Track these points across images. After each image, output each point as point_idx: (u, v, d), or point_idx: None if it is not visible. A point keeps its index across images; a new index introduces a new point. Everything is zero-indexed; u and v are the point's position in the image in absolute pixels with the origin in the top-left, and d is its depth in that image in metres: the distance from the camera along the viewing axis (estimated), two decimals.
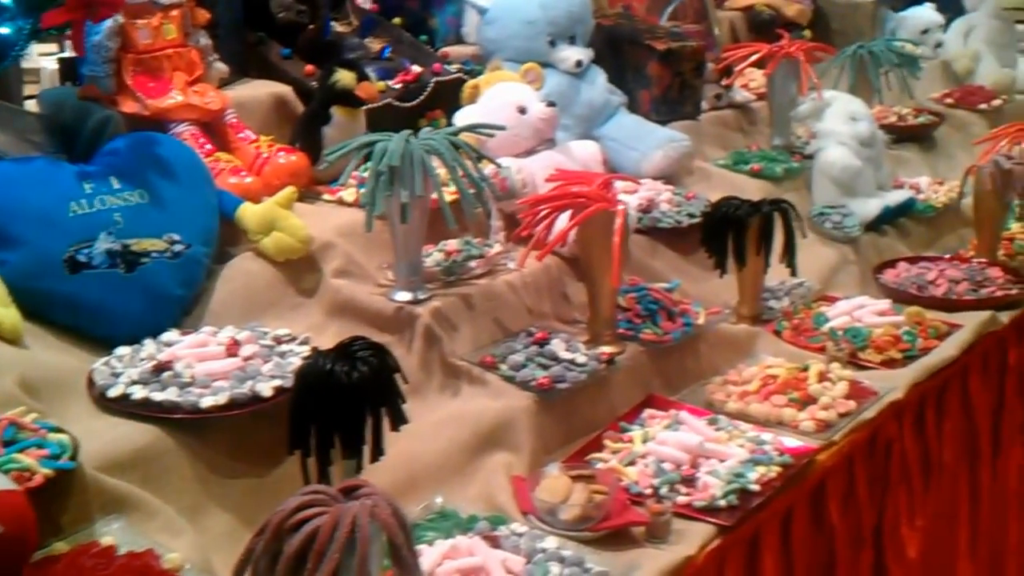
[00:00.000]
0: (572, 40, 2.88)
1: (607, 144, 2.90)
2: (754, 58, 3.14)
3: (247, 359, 1.78)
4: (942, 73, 4.21)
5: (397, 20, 2.94)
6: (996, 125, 3.69)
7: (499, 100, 2.43)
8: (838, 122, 2.97)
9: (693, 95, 3.12)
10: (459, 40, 3.14)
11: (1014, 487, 2.80)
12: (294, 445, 1.62)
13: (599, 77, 2.94)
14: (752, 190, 2.92)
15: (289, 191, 2.05)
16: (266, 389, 1.71)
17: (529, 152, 2.42)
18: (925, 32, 4.23)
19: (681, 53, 3.04)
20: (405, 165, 1.92)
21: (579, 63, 2.86)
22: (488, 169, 2.28)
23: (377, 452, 1.65)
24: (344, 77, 2.29)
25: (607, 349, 2.10)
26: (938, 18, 4.25)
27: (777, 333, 2.47)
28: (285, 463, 1.70)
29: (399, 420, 1.67)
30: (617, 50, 3.13)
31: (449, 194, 2.10)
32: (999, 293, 2.66)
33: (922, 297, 2.65)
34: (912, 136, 3.62)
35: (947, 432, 2.41)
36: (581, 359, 2.02)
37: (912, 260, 2.87)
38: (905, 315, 2.48)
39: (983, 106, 3.91)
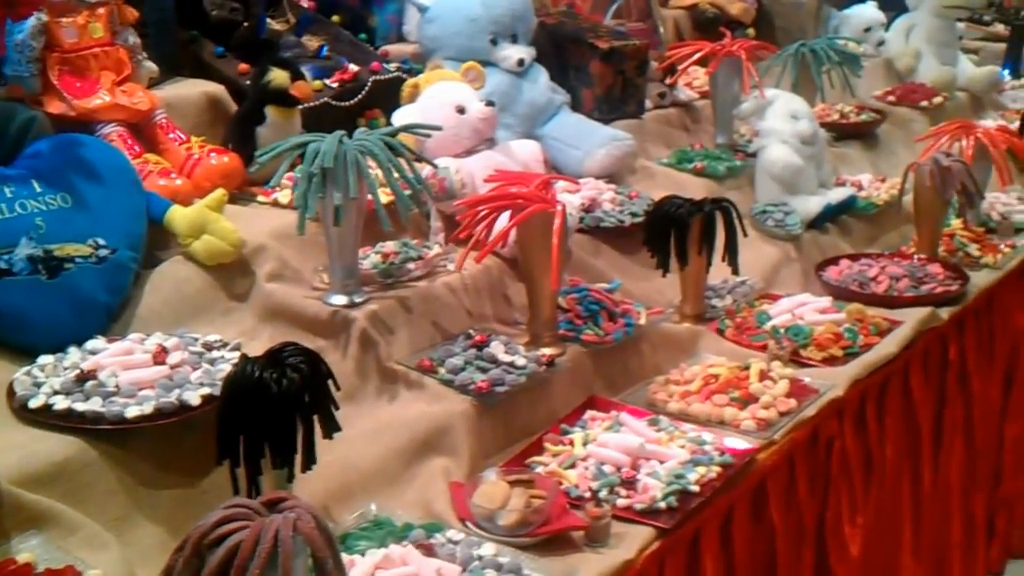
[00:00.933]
0: (514, 39, 2.85)
1: (550, 143, 2.87)
2: (696, 57, 3.11)
3: (175, 367, 1.72)
4: (884, 71, 4.21)
5: (335, 18, 2.88)
6: (937, 122, 3.71)
7: (438, 100, 2.38)
8: (779, 120, 2.95)
9: (636, 94, 3.09)
10: (401, 38, 3.09)
11: (956, 482, 2.79)
12: (223, 455, 1.57)
13: (541, 76, 2.90)
14: (695, 189, 2.90)
15: (219, 193, 2.00)
16: (194, 398, 1.66)
17: (468, 152, 2.38)
18: (867, 30, 4.23)
19: (623, 52, 3.01)
20: (338, 167, 1.87)
21: (521, 62, 2.82)
22: (426, 170, 2.25)
23: (309, 461, 1.60)
24: (278, 76, 2.24)
25: (547, 351, 2.07)
26: (880, 16, 4.26)
27: (720, 332, 2.44)
28: (215, 473, 1.64)
29: (331, 428, 1.62)
30: (560, 49, 3.10)
31: (385, 195, 2.06)
32: (939, 290, 2.65)
33: (863, 294, 2.63)
34: (854, 134, 3.62)
35: (888, 429, 2.40)
36: (521, 362, 1.98)
37: (854, 257, 2.85)
38: (846, 313, 2.46)
39: (924, 104, 3.92)
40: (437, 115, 2.35)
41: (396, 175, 1.94)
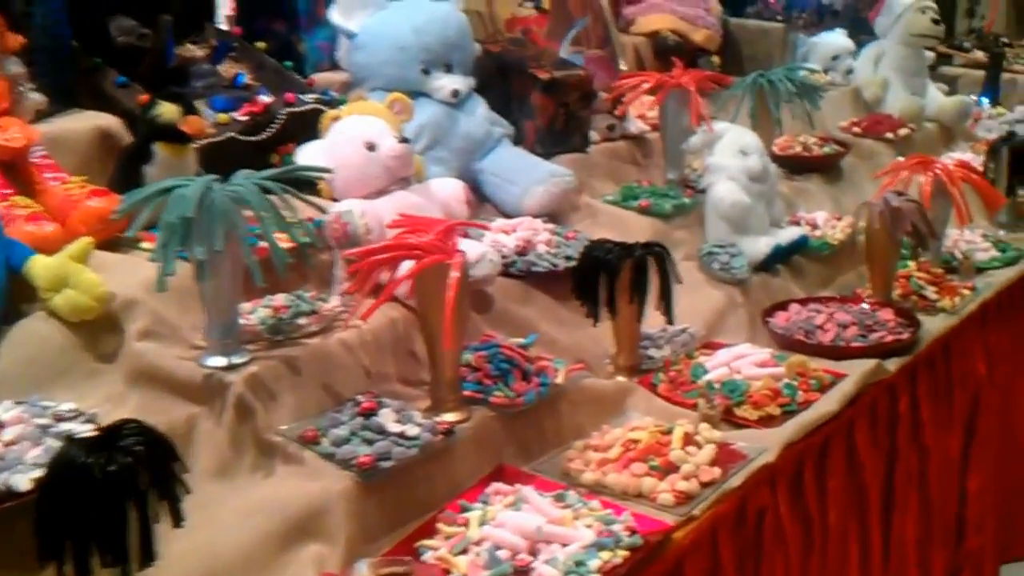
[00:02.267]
0: (449, 68, 2.62)
1: (487, 179, 2.65)
2: (643, 88, 2.87)
3: (8, 444, 1.48)
4: (852, 100, 3.97)
5: (260, 44, 2.65)
6: (904, 155, 3.49)
7: (347, 135, 2.15)
8: (728, 156, 2.71)
9: (581, 126, 2.85)
10: (335, 66, 2.85)
11: (912, 541, 2.55)
12: (44, 555, 1.33)
13: (479, 107, 2.67)
14: (640, 228, 2.67)
15: (84, 242, 1.76)
16: (23, 482, 1.42)
17: (380, 192, 2.14)
18: (835, 58, 4.00)
19: (566, 83, 2.77)
20: (203, 216, 1.63)
21: (456, 93, 2.59)
22: (329, 214, 2.01)
23: (146, 557, 1.36)
24: (166, 110, 2.00)
25: (449, 417, 1.83)
26: (848, 44, 4.02)
27: (653, 387, 2.20)
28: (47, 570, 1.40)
29: (177, 518, 1.38)
30: (505, 78, 2.87)
31: (283, 242, 1.82)
32: (889, 338, 2.41)
33: (809, 344, 2.39)
34: (816, 167, 3.37)
35: (831, 493, 2.16)
36: (413, 431, 1.74)
37: (804, 302, 2.61)
38: (786, 366, 2.22)
39: (890, 135, 3.67)
40: (345, 152, 2.12)
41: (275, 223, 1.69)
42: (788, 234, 2.74)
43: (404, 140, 2.15)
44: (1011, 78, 5.11)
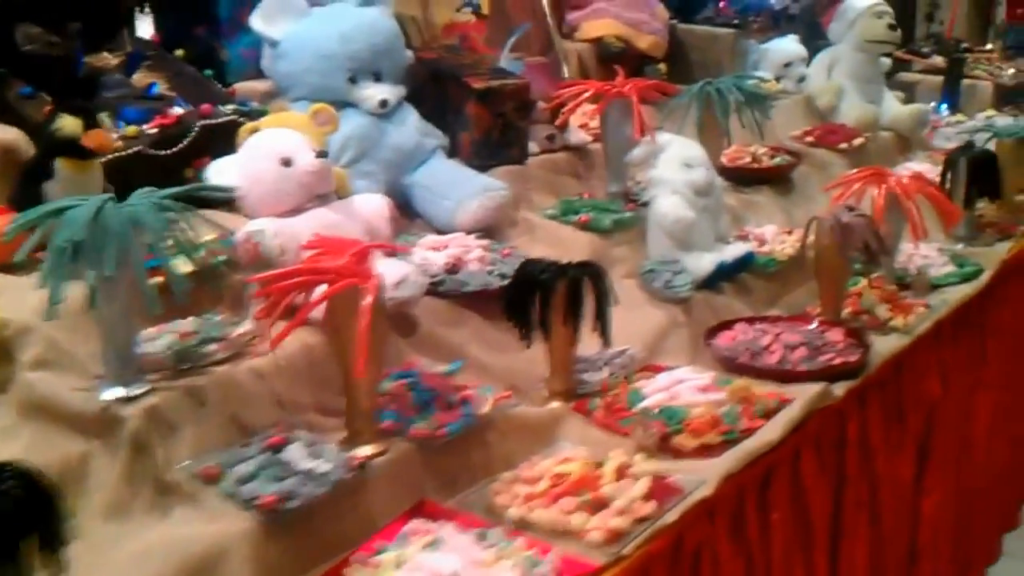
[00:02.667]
0: (377, 77, 2.55)
1: (418, 193, 2.58)
2: (582, 98, 2.81)
3: None
4: (805, 109, 3.94)
5: (179, 52, 2.57)
6: (858, 165, 3.44)
7: (261, 150, 2.07)
8: (671, 169, 2.65)
9: (518, 138, 2.79)
10: (261, 74, 2.76)
11: (863, 569, 2.49)
12: None
13: (410, 118, 2.61)
14: (580, 244, 2.61)
15: None
16: None
17: (296, 210, 2.06)
18: (788, 65, 3.98)
19: (502, 92, 2.71)
20: (95, 239, 1.54)
21: (384, 103, 2.52)
22: (240, 233, 1.94)
23: None
24: (67, 124, 1.92)
25: (365, 450, 1.76)
26: (801, 51, 4.00)
27: (589, 413, 2.13)
28: None
29: (53, 570, 1.30)
30: (439, 88, 2.80)
31: (184, 265, 1.74)
32: (837, 360, 2.35)
33: (754, 367, 2.33)
34: (767, 179, 3.33)
35: (774, 525, 2.10)
36: (323, 467, 1.66)
37: (751, 321, 2.56)
38: (729, 391, 2.16)
39: (843, 145, 3.64)
40: (259, 168, 2.04)
41: (171, 245, 1.62)
42: (734, 250, 2.69)
43: (322, 155, 2.07)
44: (971, 84, 5.12)
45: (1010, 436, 3.35)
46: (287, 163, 2.04)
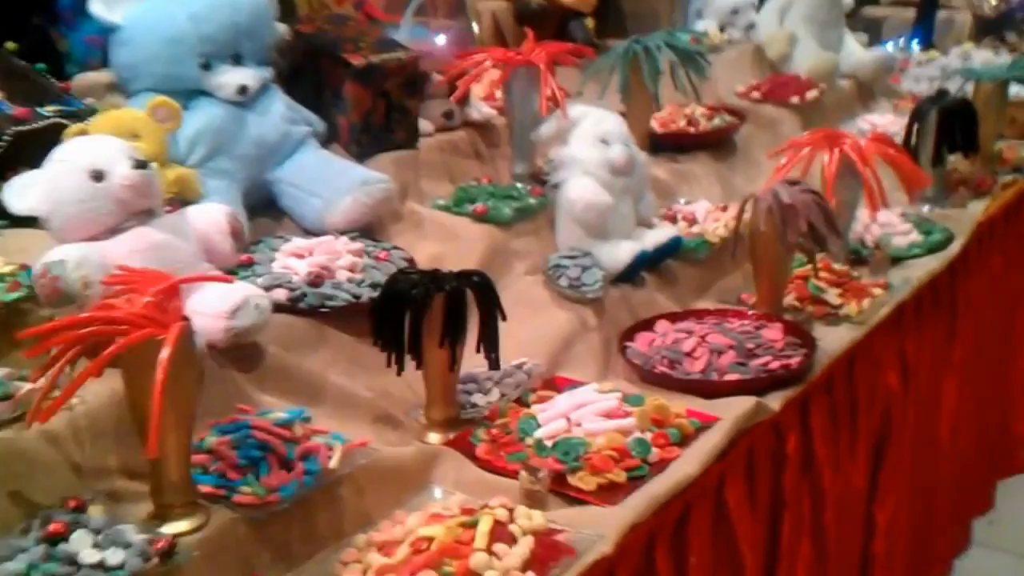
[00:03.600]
0: (237, 59, 2.30)
1: (285, 190, 2.34)
2: (480, 68, 2.55)
3: None
4: (755, 60, 3.68)
5: (10, 44, 2.30)
6: (812, 122, 3.21)
7: (67, 163, 1.80)
8: (585, 146, 2.40)
9: (406, 119, 2.52)
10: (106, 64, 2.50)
11: None
12: None
13: (276, 104, 2.36)
14: (475, 238, 2.38)
15: None
16: None
17: (114, 231, 1.80)
18: (735, 12, 3.73)
19: (383, 68, 2.44)
20: None
21: (243, 89, 2.27)
22: (36, 266, 1.70)
23: None
24: None
25: (177, 526, 1.52)
26: None
27: (471, 448, 1.90)
28: None
29: None
30: (316, 66, 2.54)
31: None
32: (774, 365, 2.12)
33: (674, 378, 2.10)
34: (703, 144, 3.07)
35: (692, 570, 1.87)
36: (117, 557, 1.42)
37: (674, 318, 2.32)
38: (638, 415, 1.92)
39: (795, 100, 3.38)
40: (65, 184, 1.78)
41: None
42: (657, 236, 2.44)
43: (141, 165, 1.81)
44: (947, 16, 4.86)
45: (979, 418, 3.12)
46: (98, 177, 1.78)
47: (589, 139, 2.41)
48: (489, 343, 1.94)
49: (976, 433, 3.13)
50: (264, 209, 2.35)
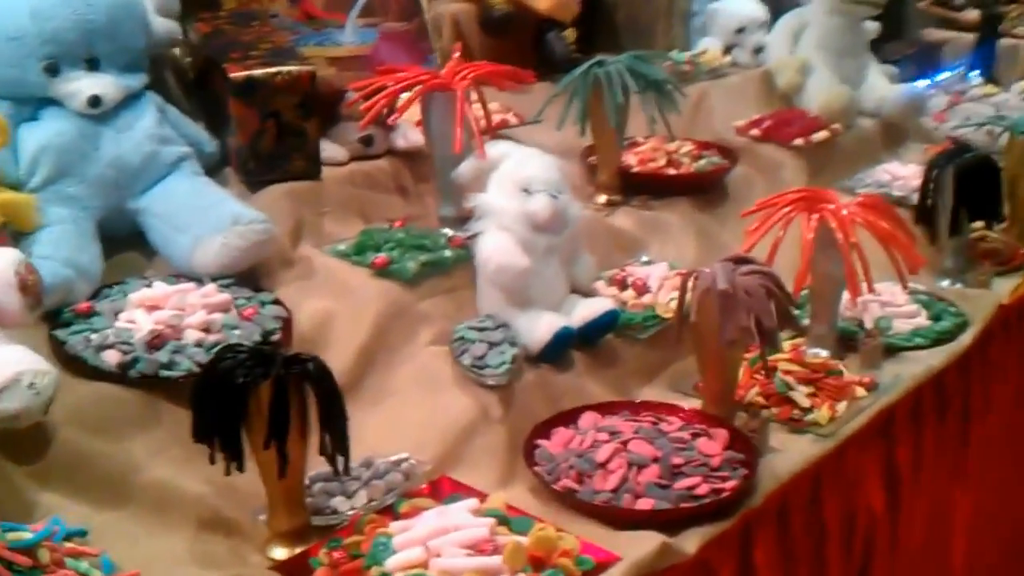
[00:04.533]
0: (92, 64, 2.01)
1: (151, 223, 2.07)
2: (391, 90, 2.22)
3: None
4: (762, 89, 3.32)
5: None
6: (819, 170, 2.85)
7: None
8: (504, 193, 2.07)
9: (304, 145, 2.21)
10: None
11: None
12: None
13: (143, 120, 2.08)
14: (372, 296, 2.10)
15: None
16: None
17: None
18: (741, 31, 3.37)
19: (269, 84, 2.13)
20: None
21: (95, 100, 1.99)
22: None
23: None
24: None
25: None
26: (759, 12, 3.40)
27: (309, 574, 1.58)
28: None
29: None
30: (209, 77, 2.26)
31: None
32: (702, 489, 1.77)
33: (576, 499, 1.77)
34: (687, 188, 2.73)
35: None
36: None
37: (604, 410, 1.98)
38: (509, 553, 1.58)
39: (798, 141, 3.01)
40: None
41: None
42: (587, 309, 2.11)
43: None
44: (1012, 45, 4.50)
45: (1003, 537, 2.75)
46: None
47: (508, 185, 2.09)
48: (336, 441, 1.62)
49: (1000, 554, 2.75)
50: (135, 243, 2.06)
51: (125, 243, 2.06)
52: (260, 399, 1.56)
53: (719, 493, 1.78)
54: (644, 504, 1.74)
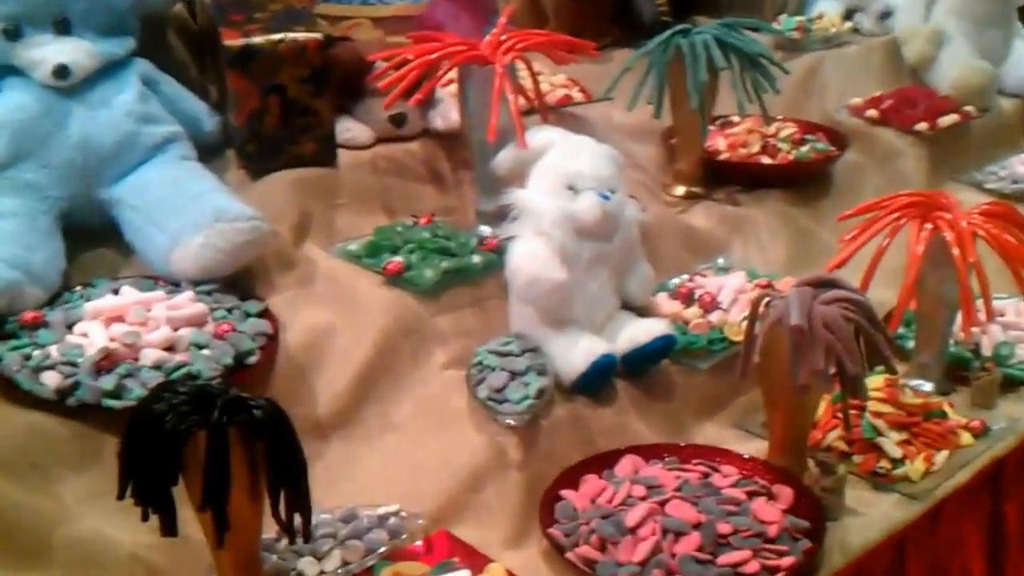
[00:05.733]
0: (63, 27, 1.84)
1: (125, 216, 1.86)
2: (409, 68, 1.97)
3: None
4: (887, 61, 3.00)
5: None
6: (943, 160, 2.53)
7: None
8: (544, 191, 1.82)
9: (314, 126, 1.99)
10: None
11: None
12: None
13: (123, 94, 1.90)
14: (380, 308, 1.87)
15: None
16: None
17: None
18: None
19: (272, 54, 1.91)
20: None
21: (61, 70, 1.80)
22: None
23: None
24: None
25: None
26: None
27: None
28: None
29: None
30: (211, 45, 2.05)
31: None
32: (750, 568, 1.51)
33: (595, 572, 1.52)
34: (782, 180, 2.45)
35: None
36: None
37: (649, 452, 1.73)
38: None
39: (922, 126, 2.69)
40: None
41: None
42: (638, 333, 1.84)
43: None
44: None
45: None
46: None
47: (551, 181, 1.84)
48: (294, 500, 1.40)
49: None
50: (110, 237, 1.88)
51: (98, 238, 1.86)
52: (198, 449, 1.35)
53: (773, 573, 1.51)
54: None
